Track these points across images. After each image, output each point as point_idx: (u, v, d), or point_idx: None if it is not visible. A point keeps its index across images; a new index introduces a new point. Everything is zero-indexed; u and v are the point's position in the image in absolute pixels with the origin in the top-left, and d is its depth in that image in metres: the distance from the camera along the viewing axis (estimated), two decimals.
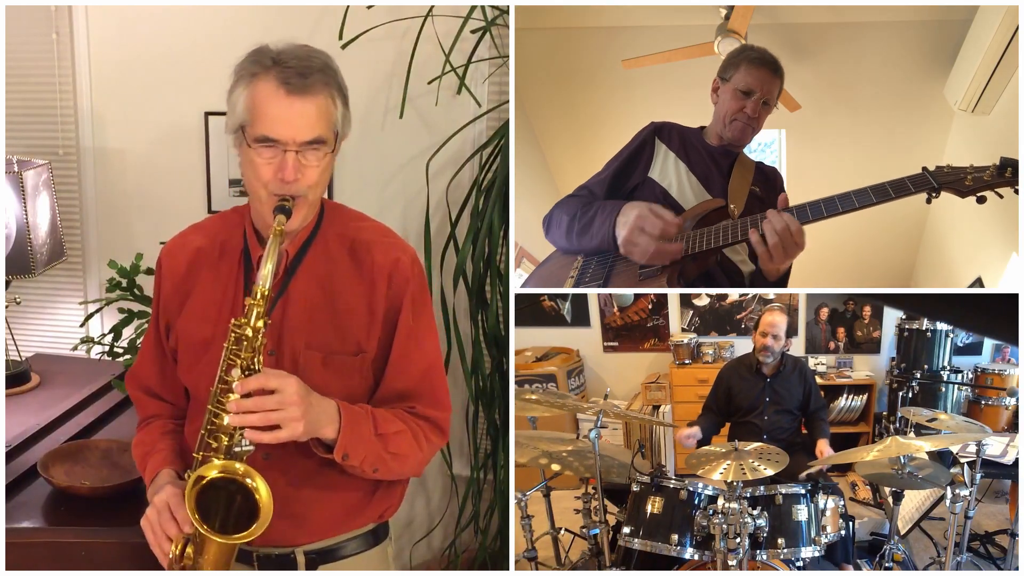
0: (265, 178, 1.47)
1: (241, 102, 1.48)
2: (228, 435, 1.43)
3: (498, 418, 2.70)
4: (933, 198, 1.61)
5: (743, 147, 2.08)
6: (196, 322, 1.59)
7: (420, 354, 1.62)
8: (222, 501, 1.44)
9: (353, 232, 1.62)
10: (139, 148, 2.97)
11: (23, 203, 2.50)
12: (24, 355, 2.73)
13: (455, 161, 2.75)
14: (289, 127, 1.45)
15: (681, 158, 2.02)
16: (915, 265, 3.58)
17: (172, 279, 1.63)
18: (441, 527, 3.05)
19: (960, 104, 2.58)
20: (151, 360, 1.70)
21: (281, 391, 1.40)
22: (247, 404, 1.39)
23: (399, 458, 1.55)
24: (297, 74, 1.44)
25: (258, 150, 1.46)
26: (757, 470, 2.04)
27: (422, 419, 1.60)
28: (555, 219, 2.04)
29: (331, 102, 1.49)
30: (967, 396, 3.43)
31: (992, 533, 2.70)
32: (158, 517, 1.46)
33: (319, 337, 1.56)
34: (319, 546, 1.61)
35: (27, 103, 2.95)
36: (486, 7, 2.58)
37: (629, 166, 2.04)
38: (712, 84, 2.07)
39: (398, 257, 1.59)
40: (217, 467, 1.42)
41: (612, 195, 2.03)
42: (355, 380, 1.58)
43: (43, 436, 2.20)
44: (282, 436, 1.40)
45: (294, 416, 1.40)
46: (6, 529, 1.80)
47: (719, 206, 1.92)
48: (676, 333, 3.95)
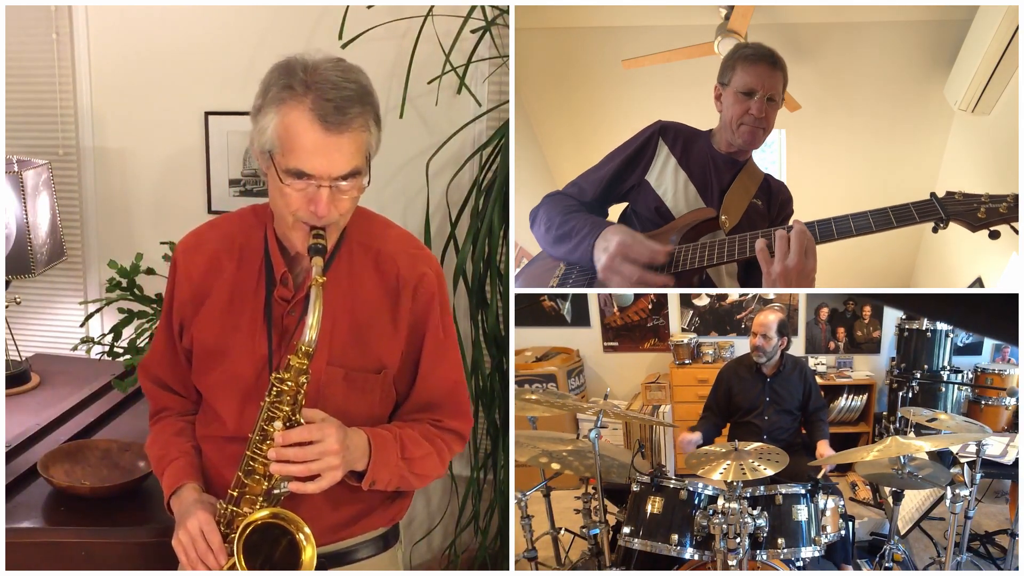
0: (294, 207, 1.42)
1: (271, 128, 1.40)
2: (267, 478, 1.44)
3: (498, 418, 2.69)
4: (940, 228, 1.49)
5: (753, 151, 2.01)
6: (213, 330, 1.56)
7: (447, 368, 1.62)
8: (267, 544, 1.45)
9: (379, 243, 1.58)
10: (139, 148, 2.97)
11: (23, 203, 2.50)
12: (24, 355, 2.73)
13: (455, 161, 2.75)
14: (324, 164, 1.38)
15: (682, 165, 1.96)
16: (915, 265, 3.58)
17: (189, 280, 1.59)
18: (441, 527, 3.04)
19: (960, 104, 2.58)
20: (163, 353, 1.67)
21: (322, 442, 1.40)
22: (288, 454, 1.39)
23: (422, 478, 1.58)
24: (335, 109, 1.36)
25: (289, 180, 1.40)
26: (757, 470, 2.04)
27: (447, 431, 1.61)
28: (539, 217, 1.99)
29: (367, 131, 1.42)
30: (967, 396, 3.43)
31: (992, 533, 2.69)
32: (193, 544, 1.46)
33: (341, 354, 1.53)
34: (331, 549, 1.60)
35: (27, 103, 2.95)
36: (486, 7, 2.58)
37: (627, 167, 2.00)
38: (714, 91, 2.00)
39: (424, 272, 1.57)
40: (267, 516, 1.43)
41: (606, 195, 2.01)
42: (376, 396, 1.57)
43: (43, 436, 2.20)
44: (323, 485, 1.41)
45: (334, 464, 1.41)
46: (6, 529, 1.79)
47: (709, 217, 1.87)
48: (676, 333, 3.95)
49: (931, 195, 1.49)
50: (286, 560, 1.43)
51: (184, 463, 1.59)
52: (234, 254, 1.58)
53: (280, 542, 1.45)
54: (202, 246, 1.61)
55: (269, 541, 1.45)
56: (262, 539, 1.44)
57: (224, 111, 2.85)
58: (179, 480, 1.56)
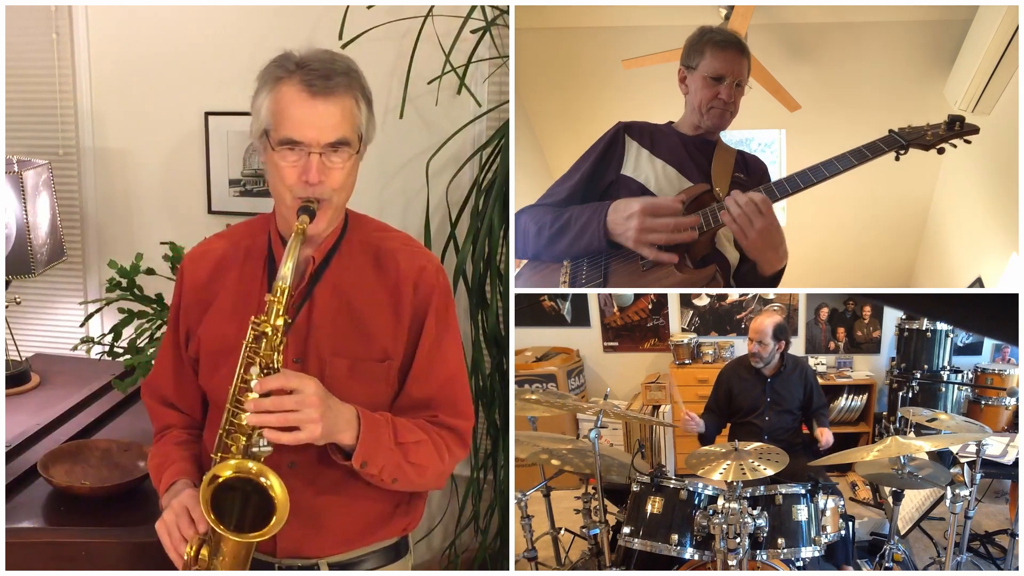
0: (289, 181, 1.46)
1: (265, 106, 1.47)
2: (246, 435, 1.42)
3: (498, 418, 2.69)
4: (901, 155, 1.76)
5: (720, 132, 2.03)
6: (219, 326, 1.57)
7: (443, 362, 1.60)
8: (238, 502, 1.44)
9: (377, 241, 1.61)
10: (139, 148, 2.97)
11: (23, 203, 2.50)
12: (24, 355, 2.73)
13: (455, 161, 2.75)
14: (313, 128, 1.44)
15: (655, 154, 1.97)
16: (915, 265, 3.58)
17: (194, 287, 1.62)
18: (441, 527, 3.04)
19: (960, 104, 2.58)
20: (168, 370, 1.68)
21: (300, 391, 1.39)
22: (265, 404, 1.37)
23: (419, 468, 1.53)
24: (320, 76, 1.44)
25: (282, 153, 1.46)
26: (757, 470, 2.04)
27: (444, 429, 1.59)
28: (523, 225, 1.99)
29: (355, 104, 1.48)
30: (967, 396, 3.43)
31: (992, 533, 2.70)
32: (175, 519, 1.45)
33: (345, 344, 1.54)
34: (341, 558, 1.60)
35: (27, 103, 2.95)
36: (486, 7, 2.58)
37: (600, 166, 1.99)
38: (678, 74, 2.01)
39: (424, 265, 1.59)
40: (231, 466, 1.41)
41: (585, 198, 2.01)
42: (381, 387, 1.57)
43: (43, 436, 2.21)
44: (301, 437, 1.38)
45: (312, 417, 1.38)
46: (6, 529, 1.80)
47: (706, 190, 1.89)
48: (676, 333, 3.95)
49: (889, 130, 1.79)
50: (260, 509, 1.41)
51: (182, 466, 1.59)
52: (239, 256, 1.61)
53: (250, 497, 1.43)
54: (208, 254, 1.64)
55: (240, 496, 1.43)
56: (233, 495, 1.42)
57: (224, 111, 2.85)
58: (174, 478, 1.56)
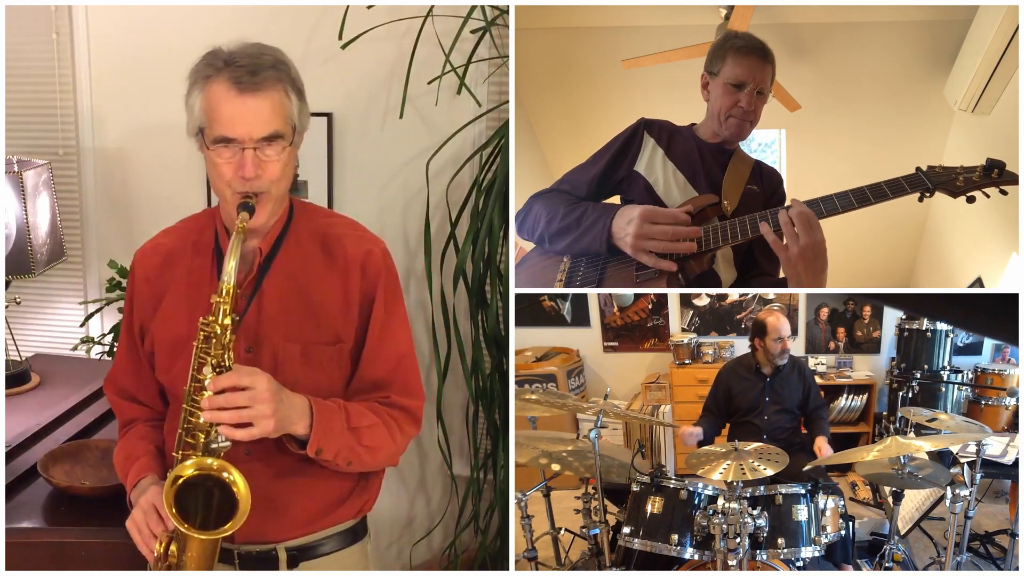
0: (227, 177, 1.50)
1: (197, 105, 1.51)
2: (204, 432, 1.45)
3: (498, 418, 2.69)
4: (927, 197, 1.65)
5: (740, 142, 2.02)
6: (170, 322, 1.61)
7: (393, 344, 1.64)
8: (201, 499, 1.47)
9: (324, 227, 1.65)
10: (139, 148, 2.97)
11: (23, 203, 2.50)
12: (24, 355, 2.73)
13: (455, 161, 2.75)
14: (243, 125, 1.47)
15: (669, 156, 1.97)
16: (915, 265, 3.58)
17: (147, 281, 1.66)
18: (441, 527, 3.05)
19: (960, 104, 2.58)
20: (127, 364, 1.71)
21: (252, 388, 1.42)
22: (219, 401, 1.41)
23: (372, 451, 1.58)
24: (248, 72, 1.46)
25: (217, 150, 1.49)
26: (757, 470, 2.04)
27: (396, 408, 1.63)
28: (534, 211, 1.99)
29: (285, 96, 1.51)
30: (967, 396, 3.43)
31: (992, 533, 2.69)
32: (144, 517, 1.49)
33: (296, 329, 1.58)
34: (299, 542, 1.63)
35: (27, 103, 2.95)
36: (486, 7, 2.58)
37: (618, 161, 2.00)
38: (700, 80, 1.99)
39: (370, 249, 1.63)
40: (192, 465, 1.44)
41: (599, 191, 2.01)
42: (334, 371, 1.61)
43: (43, 436, 2.20)
44: (254, 433, 1.42)
45: (264, 413, 1.42)
46: (6, 529, 1.79)
47: (712, 202, 1.88)
48: (676, 333, 3.95)
49: (916, 168, 1.67)
50: (224, 503, 1.44)
51: (146, 461, 1.62)
52: (187, 250, 1.65)
53: (213, 492, 1.46)
54: (157, 248, 1.68)
55: (204, 492, 1.46)
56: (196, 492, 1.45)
57: None
58: (140, 474, 1.59)
